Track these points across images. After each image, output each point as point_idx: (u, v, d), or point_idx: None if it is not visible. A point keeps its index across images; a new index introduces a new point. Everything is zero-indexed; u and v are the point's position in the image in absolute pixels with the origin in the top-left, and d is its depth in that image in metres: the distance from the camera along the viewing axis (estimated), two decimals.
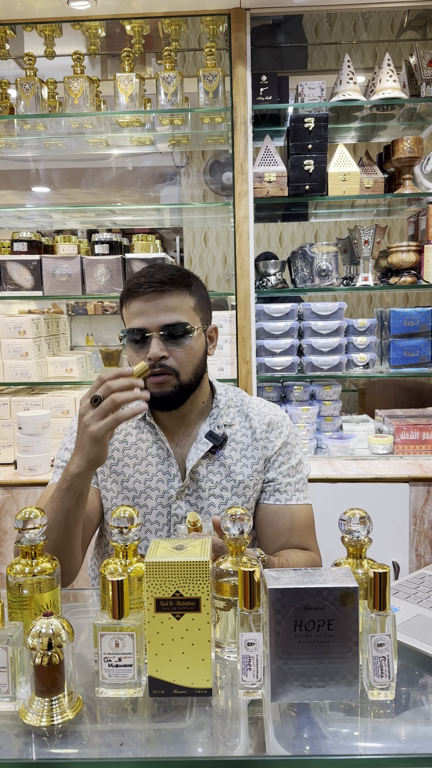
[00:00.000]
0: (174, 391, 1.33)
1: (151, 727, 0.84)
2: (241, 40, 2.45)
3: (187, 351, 1.33)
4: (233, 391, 1.51)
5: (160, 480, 1.40)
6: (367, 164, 2.67)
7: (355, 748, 0.81)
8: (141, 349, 1.33)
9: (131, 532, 0.95)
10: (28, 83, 2.60)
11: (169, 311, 1.32)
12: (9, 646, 0.84)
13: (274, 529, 1.40)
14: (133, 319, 1.33)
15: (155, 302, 1.31)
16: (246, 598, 0.85)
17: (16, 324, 2.61)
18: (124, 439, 1.43)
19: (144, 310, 1.32)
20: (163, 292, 1.32)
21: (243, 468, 1.41)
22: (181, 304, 1.33)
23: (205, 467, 1.40)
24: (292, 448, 1.46)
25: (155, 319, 1.31)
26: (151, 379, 1.32)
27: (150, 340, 1.31)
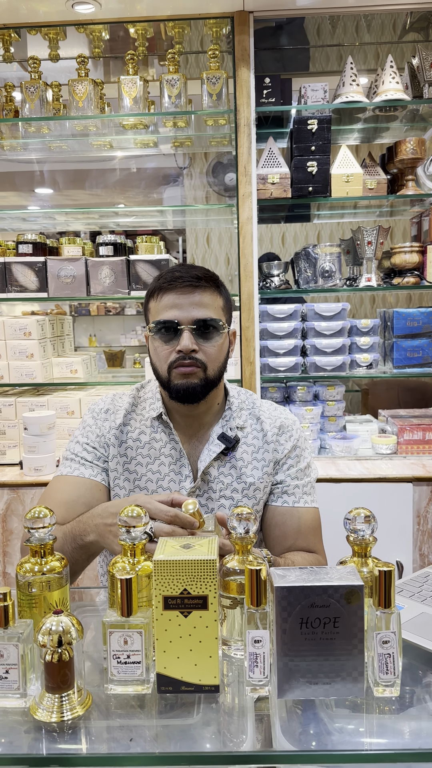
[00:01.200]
0: (200, 384, 1.34)
1: (159, 723, 0.86)
2: (245, 42, 2.46)
3: (215, 347, 1.35)
4: (245, 393, 1.53)
5: (171, 480, 1.40)
6: (370, 166, 2.68)
7: (361, 744, 0.82)
8: (170, 341, 1.34)
9: (138, 531, 0.96)
10: (32, 86, 2.62)
11: (202, 306, 1.34)
12: (20, 643, 0.85)
13: (281, 531, 1.41)
14: (164, 312, 1.34)
15: (189, 296, 1.33)
16: (253, 596, 0.87)
17: (21, 325, 2.63)
18: (137, 437, 1.43)
19: (177, 304, 1.33)
20: (197, 287, 1.34)
21: (254, 470, 1.41)
22: (213, 301, 1.36)
23: (216, 469, 1.41)
24: (302, 452, 1.47)
25: (189, 313, 1.33)
26: (178, 370, 1.33)
27: (181, 333, 1.32)
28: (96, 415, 1.47)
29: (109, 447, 1.43)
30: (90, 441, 1.44)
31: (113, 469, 1.42)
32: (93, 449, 1.43)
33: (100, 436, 1.44)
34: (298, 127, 2.55)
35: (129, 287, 2.64)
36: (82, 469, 1.42)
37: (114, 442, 1.43)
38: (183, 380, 1.33)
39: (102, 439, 1.43)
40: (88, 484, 1.40)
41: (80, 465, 1.42)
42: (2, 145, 2.88)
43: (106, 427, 1.44)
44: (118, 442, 1.43)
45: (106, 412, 1.46)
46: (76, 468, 1.42)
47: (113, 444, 1.42)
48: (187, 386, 1.33)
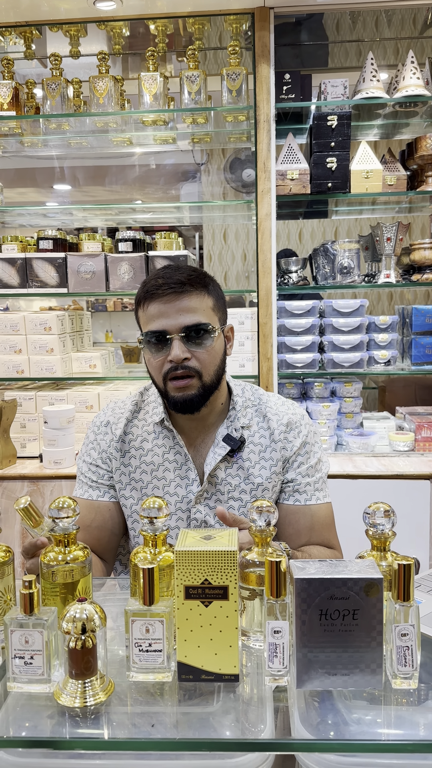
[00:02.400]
0: (197, 393, 1.31)
1: (179, 710, 0.87)
2: (265, 38, 2.46)
3: (208, 352, 1.31)
4: (250, 390, 1.49)
5: (178, 485, 1.39)
6: (390, 161, 2.68)
7: (379, 735, 0.83)
8: (161, 351, 1.31)
9: (160, 522, 0.97)
10: (54, 83, 2.64)
11: (189, 312, 1.29)
12: (44, 630, 0.87)
13: (295, 529, 1.40)
14: (151, 322, 1.31)
15: (174, 303, 1.29)
16: (273, 587, 0.88)
17: (41, 320, 2.66)
18: (140, 445, 1.42)
19: (163, 312, 1.30)
20: (182, 293, 1.30)
21: (261, 470, 1.40)
22: (200, 304, 1.31)
23: (223, 470, 1.39)
24: (311, 447, 1.44)
25: (176, 321, 1.29)
26: (174, 383, 1.30)
27: (171, 342, 1.29)
28: (97, 430, 1.47)
29: (111, 461, 1.43)
30: (93, 459, 1.45)
31: (118, 480, 1.43)
32: (96, 467, 1.44)
33: (101, 452, 1.44)
34: (318, 123, 2.55)
35: None
36: (90, 491, 1.44)
37: (116, 455, 1.43)
38: (180, 393, 1.31)
39: (104, 454, 1.44)
40: (97, 507, 1.43)
41: (89, 487, 1.44)
42: (23, 141, 2.91)
43: (107, 441, 1.44)
44: (120, 454, 1.42)
45: (107, 425, 1.45)
46: (86, 490, 1.44)
47: (115, 457, 1.43)
48: (185, 398, 1.31)
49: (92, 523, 1.41)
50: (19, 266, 2.69)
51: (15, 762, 0.85)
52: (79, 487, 1.47)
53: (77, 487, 1.47)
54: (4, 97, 2.65)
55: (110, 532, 1.44)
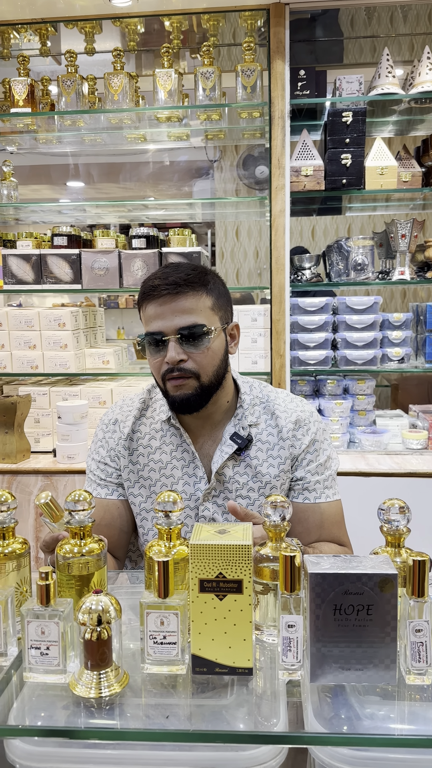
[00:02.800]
0: (194, 393, 1.31)
1: (193, 702, 0.88)
2: (280, 34, 2.46)
3: (205, 353, 1.31)
4: (258, 387, 1.48)
5: (186, 483, 1.40)
6: (405, 158, 2.66)
7: (392, 729, 0.84)
8: (159, 352, 1.31)
9: (175, 516, 0.98)
10: (69, 80, 2.65)
11: (185, 313, 1.29)
12: (60, 621, 0.88)
13: (304, 527, 1.40)
14: (150, 323, 1.32)
15: (171, 305, 1.29)
16: (287, 581, 0.88)
17: (56, 316, 2.67)
18: (148, 443, 1.43)
19: (160, 313, 1.30)
20: (178, 294, 1.29)
21: (269, 468, 1.40)
22: (197, 304, 1.30)
23: (231, 468, 1.39)
24: (320, 445, 1.44)
25: (171, 322, 1.29)
26: (171, 383, 1.31)
27: (167, 344, 1.29)
28: (105, 428, 1.47)
29: (120, 459, 1.44)
30: (101, 457, 1.46)
31: (126, 478, 1.44)
32: (105, 465, 1.45)
33: (110, 450, 1.45)
34: (333, 119, 2.54)
35: None
36: (99, 489, 1.45)
37: (124, 453, 1.43)
38: (177, 392, 1.31)
39: (112, 452, 1.45)
40: (106, 505, 1.44)
41: (97, 485, 1.45)
42: (38, 138, 2.92)
43: (115, 440, 1.45)
44: (128, 452, 1.43)
45: (114, 423, 1.46)
46: (95, 488, 1.46)
47: (123, 455, 1.43)
48: (182, 397, 1.31)
49: (101, 521, 1.42)
50: (34, 262, 2.70)
51: (31, 750, 0.86)
52: (89, 485, 1.48)
53: (86, 485, 1.49)
54: (19, 94, 2.66)
55: (119, 529, 1.44)
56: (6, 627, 0.92)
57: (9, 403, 2.46)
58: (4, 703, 0.87)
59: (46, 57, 2.88)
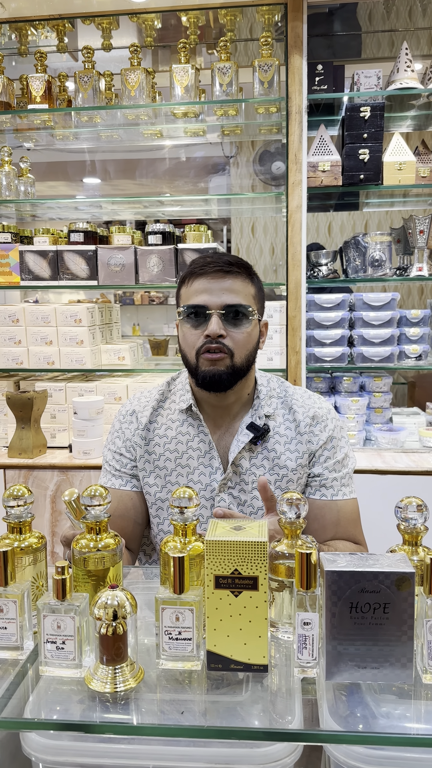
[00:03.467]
0: (226, 371, 1.32)
1: (208, 698, 0.88)
2: (298, 29, 2.44)
3: (244, 334, 1.34)
4: (275, 381, 1.49)
5: (201, 473, 1.40)
6: (423, 153, 2.64)
7: (408, 729, 0.83)
8: (199, 326, 1.33)
9: (190, 512, 0.98)
10: (86, 76, 2.65)
11: (232, 293, 1.33)
12: (76, 615, 0.88)
13: (320, 524, 1.40)
14: (194, 296, 1.34)
15: (220, 282, 1.33)
16: (303, 579, 0.88)
17: (72, 312, 2.68)
18: (164, 433, 1.43)
19: (208, 288, 1.33)
20: (229, 273, 1.33)
21: (287, 461, 1.40)
22: (243, 288, 1.35)
23: (248, 460, 1.39)
24: (338, 442, 1.44)
25: (218, 298, 1.32)
26: (206, 356, 1.32)
27: (210, 318, 1.31)
28: (122, 419, 1.49)
29: (135, 449, 1.45)
30: (117, 448, 1.47)
31: (142, 468, 1.44)
32: (120, 456, 1.46)
33: (125, 441, 1.46)
34: (351, 114, 2.52)
35: (176, 275, 2.66)
36: (113, 480, 1.46)
37: (140, 442, 1.44)
38: (210, 367, 1.32)
39: (128, 443, 1.46)
40: (120, 496, 1.45)
41: (112, 476, 1.47)
42: (55, 134, 2.93)
43: (131, 430, 1.46)
44: (145, 441, 1.44)
45: (132, 414, 1.47)
46: (109, 479, 1.47)
47: (139, 445, 1.44)
48: (214, 373, 1.32)
49: (115, 512, 1.43)
50: (51, 258, 2.71)
51: (46, 744, 0.86)
52: (104, 475, 1.49)
53: (102, 476, 1.50)
54: (36, 91, 2.67)
55: (133, 521, 1.45)
56: (22, 621, 0.93)
57: (26, 398, 2.47)
58: (20, 697, 0.88)
59: (63, 53, 2.89)
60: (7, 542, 0.98)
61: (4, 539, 1.00)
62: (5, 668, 0.93)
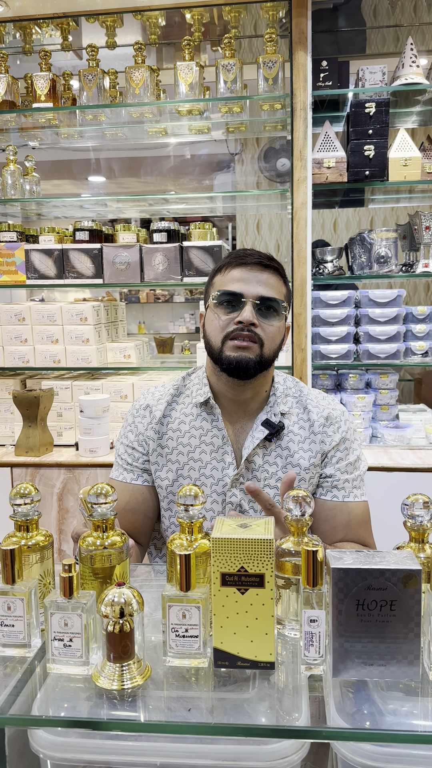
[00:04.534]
0: (254, 360, 1.33)
1: (215, 696, 0.88)
2: (302, 25, 2.43)
3: (274, 327, 1.36)
4: (291, 380, 1.51)
5: (214, 468, 1.41)
6: (429, 149, 2.62)
7: (415, 726, 0.83)
8: (231, 312, 1.34)
9: (196, 510, 0.98)
10: (90, 74, 2.65)
11: (268, 286, 1.36)
12: (83, 613, 0.88)
13: (331, 525, 1.40)
14: (231, 284, 1.36)
15: (258, 274, 1.35)
16: (309, 576, 0.88)
17: (78, 311, 2.69)
18: (178, 427, 1.44)
19: (245, 278, 1.35)
20: (267, 268, 1.36)
21: (300, 460, 1.40)
22: (278, 285, 1.38)
23: (261, 457, 1.40)
24: (351, 444, 1.44)
25: (255, 288, 1.34)
26: (235, 342, 1.33)
27: (244, 305, 1.33)
28: (136, 413, 1.49)
29: (148, 443, 1.45)
30: (130, 441, 1.47)
31: (154, 462, 1.45)
32: (133, 449, 1.47)
33: (138, 434, 1.46)
34: (356, 110, 2.51)
35: (182, 273, 2.66)
36: (125, 473, 1.47)
37: (153, 436, 1.45)
38: (237, 353, 1.32)
39: (140, 437, 1.46)
40: (132, 490, 1.45)
41: (123, 469, 1.47)
42: (60, 133, 2.93)
43: (144, 424, 1.46)
44: (158, 435, 1.45)
45: (146, 408, 1.48)
46: (121, 473, 1.48)
47: (153, 438, 1.45)
48: (241, 359, 1.32)
49: (126, 506, 1.44)
50: (56, 257, 2.72)
51: (54, 740, 0.87)
52: (116, 468, 1.50)
53: (114, 469, 1.51)
54: (41, 89, 2.67)
55: (144, 515, 1.46)
56: (29, 619, 0.93)
57: (32, 396, 2.48)
58: (28, 694, 0.88)
59: (67, 52, 2.89)
60: (14, 540, 0.99)
61: (11, 537, 1.00)
62: (13, 666, 0.93)
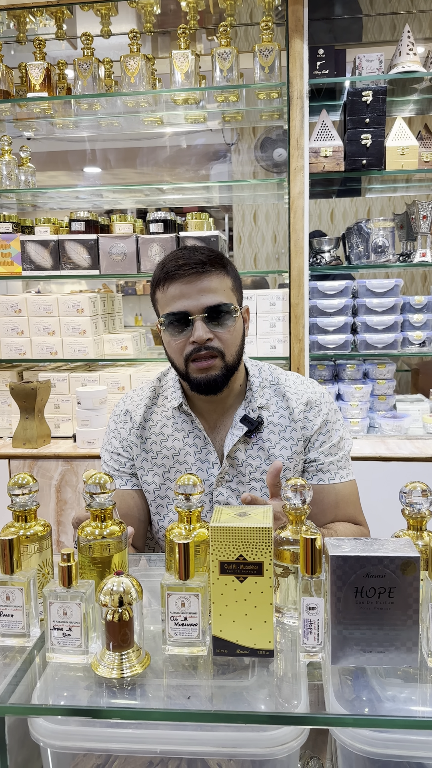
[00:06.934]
0: (220, 374, 1.31)
1: (215, 683, 0.88)
2: (299, 12, 2.41)
3: (230, 332, 1.31)
4: (267, 370, 1.47)
5: (199, 468, 1.40)
6: (426, 137, 2.61)
7: (413, 712, 0.83)
8: (182, 333, 1.30)
9: (195, 498, 0.98)
10: (85, 63, 2.63)
11: (210, 292, 1.29)
12: (82, 602, 0.88)
13: (320, 508, 1.40)
14: (173, 303, 1.30)
15: (196, 284, 1.28)
16: (308, 564, 0.88)
17: (74, 302, 2.68)
18: (160, 431, 1.43)
19: (185, 293, 1.29)
20: (203, 273, 1.29)
21: (282, 450, 1.39)
22: (221, 284, 1.31)
23: (243, 452, 1.39)
24: (333, 426, 1.43)
25: (198, 301, 1.28)
26: (196, 365, 1.30)
27: (193, 323, 1.28)
28: (117, 419, 1.48)
29: (133, 448, 1.44)
30: (114, 448, 1.46)
31: (140, 467, 1.44)
32: (118, 456, 1.46)
33: (122, 440, 1.45)
34: (353, 99, 2.49)
35: None
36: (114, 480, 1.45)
37: (136, 441, 1.44)
38: (203, 374, 1.30)
39: (125, 443, 1.45)
40: (122, 495, 1.44)
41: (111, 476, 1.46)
42: (55, 123, 2.91)
43: (126, 430, 1.45)
44: (141, 440, 1.44)
45: (126, 414, 1.46)
46: None
47: (136, 444, 1.44)
48: (208, 379, 1.31)
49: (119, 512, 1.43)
50: (52, 248, 2.71)
51: (54, 729, 0.87)
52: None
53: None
54: (36, 79, 2.65)
55: (137, 519, 1.45)
56: (29, 608, 0.93)
57: (29, 388, 2.47)
58: (27, 683, 0.88)
59: (62, 41, 2.86)
60: (12, 530, 0.99)
61: (9, 528, 1.00)
62: (12, 655, 0.93)
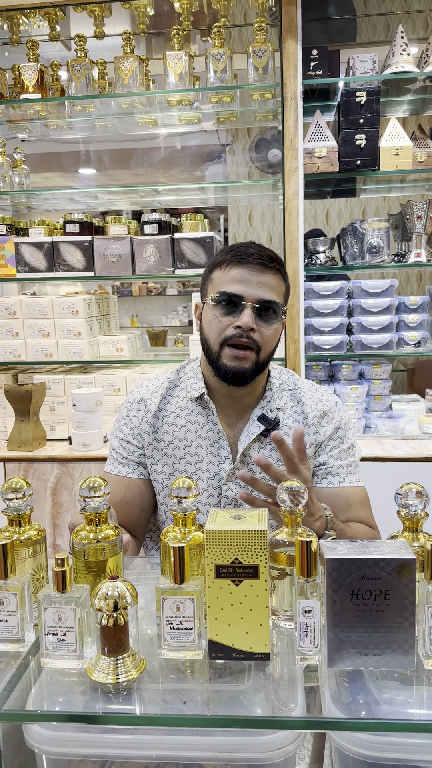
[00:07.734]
0: (251, 368, 1.33)
1: (211, 688, 0.88)
2: (292, 13, 2.41)
3: (272, 331, 1.34)
4: (286, 374, 1.50)
5: (210, 462, 1.40)
6: (420, 138, 2.61)
7: (410, 714, 0.83)
8: (229, 314, 1.32)
9: (189, 502, 0.98)
10: (79, 64, 2.62)
11: (269, 288, 1.32)
12: (77, 607, 0.88)
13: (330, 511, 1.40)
14: (231, 284, 1.32)
15: (259, 275, 1.32)
16: (303, 567, 0.87)
17: (69, 304, 2.67)
18: (173, 421, 1.43)
19: (246, 279, 1.31)
20: (268, 268, 1.33)
21: None
22: (278, 286, 1.35)
23: (256, 451, 1.40)
24: (345, 433, 1.45)
25: (255, 291, 1.31)
26: (232, 351, 1.31)
27: (243, 309, 1.30)
28: (130, 406, 1.48)
29: (144, 436, 1.44)
30: (124, 435, 1.46)
31: (150, 456, 1.44)
32: (127, 443, 1.46)
33: (133, 428, 1.45)
34: (347, 99, 2.49)
35: (173, 265, 2.65)
36: (120, 467, 1.46)
37: (148, 430, 1.44)
38: (235, 363, 1.32)
39: (135, 431, 1.45)
40: (127, 483, 1.45)
41: (119, 463, 1.46)
42: (48, 124, 2.90)
43: (139, 418, 1.45)
44: (153, 429, 1.44)
45: (140, 402, 1.47)
46: (116, 466, 1.47)
47: (147, 432, 1.44)
48: (237, 369, 1.32)
49: (122, 499, 1.43)
50: (47, 250, 2.70)
51: (49, 735, 0.86)
52: (110, 462, 1.49)
53: (108, 462, 1.50)
54: (29, 80, 2.65)
55: (140, 508, 1.45)
56: (23, 613, 0.93)
57: (24, 391, 2.46)
58: (22, 689, 0.88)
59: (55, 42, 2.85)
60: (6, 535, 0.98)
61: (3, 532, 1.00)
62: (7, 661, 0.93)
